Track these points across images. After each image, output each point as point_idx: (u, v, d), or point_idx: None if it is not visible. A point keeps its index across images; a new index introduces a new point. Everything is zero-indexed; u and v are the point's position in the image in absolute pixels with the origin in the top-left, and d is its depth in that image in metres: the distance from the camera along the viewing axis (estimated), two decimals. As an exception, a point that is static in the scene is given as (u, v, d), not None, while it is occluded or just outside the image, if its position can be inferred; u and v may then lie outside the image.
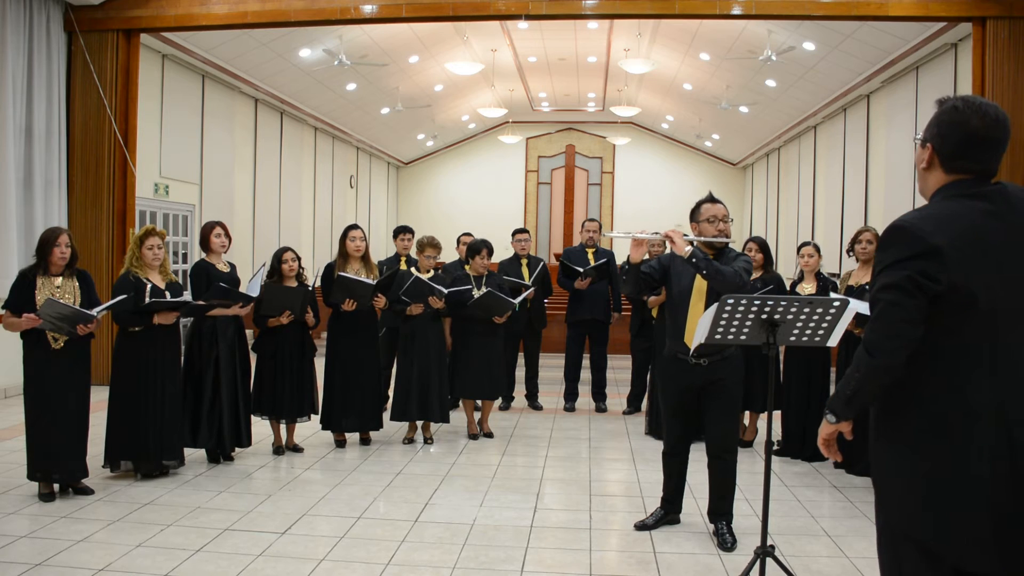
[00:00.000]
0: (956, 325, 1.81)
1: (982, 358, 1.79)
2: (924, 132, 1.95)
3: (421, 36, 12.21)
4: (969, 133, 1.85)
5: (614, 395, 7.57)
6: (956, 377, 1.80)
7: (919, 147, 1.97)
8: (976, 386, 1.78)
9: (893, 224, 1.88)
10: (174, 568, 3.48)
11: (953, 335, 1.81)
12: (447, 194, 20.83)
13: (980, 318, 1.79)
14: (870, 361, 1.84)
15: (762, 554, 3.15)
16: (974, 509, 1.75)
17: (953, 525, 1.77)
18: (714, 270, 3.61)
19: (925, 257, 1.78)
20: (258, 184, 12.83)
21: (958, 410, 1.79)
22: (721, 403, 3.85)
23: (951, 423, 1.79)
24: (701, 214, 3.87)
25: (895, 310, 1.81)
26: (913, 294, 1.79)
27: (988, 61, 7.32)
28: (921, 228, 1.81)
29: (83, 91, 8.01)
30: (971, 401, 1.78)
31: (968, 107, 1.87)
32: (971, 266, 1.79)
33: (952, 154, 1.88)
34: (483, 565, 3.59)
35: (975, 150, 1.86)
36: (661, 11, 7.98)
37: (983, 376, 1.78)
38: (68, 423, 4.39)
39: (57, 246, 4.37)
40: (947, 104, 1.91)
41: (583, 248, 7.23)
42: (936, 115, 1.93)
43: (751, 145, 17.64)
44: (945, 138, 1.89)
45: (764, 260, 5.73)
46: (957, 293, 1.78)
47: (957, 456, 1.77)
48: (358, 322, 5.63)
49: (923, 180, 1.98)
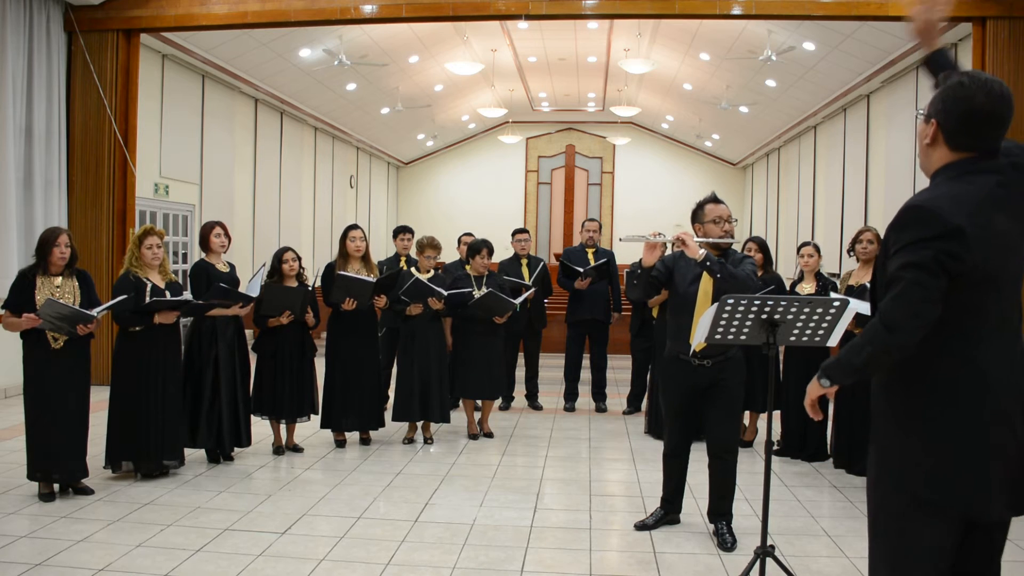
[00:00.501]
0: (969, 300, 1.84)
1: (994, 329, 1.85)
2: (928, 107, 1.95)
3: (421, 36, 12.21)
4: (974, 109, 1.85)
5: (614, 395, 7.57)
6: (969, 348, 1.85)
7: (922, 122, 1.96)
8: (988, 356, 1.84)
9: (909, 204, 1.87)
10: (174, 568, 3.48)
11: (966, 310, 1.85)
12: (447, 194, 20.83)
13: (993, 292, 1.84)
14: (887, 337, 1.84)
15: (762, 554, 3.15)
16: (991, 463, 1.82)
17: (973, 482, 1.83)
18: (728, 273, 3.60)
19: (948, 238, 1.79)
20: (258, 184, 12.83)
21: (972, 378, 1.83)
22: (723, 404, 3.84)
23: (966, 391, 1.84)
24: (705, 215, 3.82)
25: (917, 289, 1.81)
26: (936, 273, 1.80)
27: (988, 61, 7.33)
28: (941, 208, 1.81)
29: (83, 91, 8.01)
30: (984, 369, 1.83)
31: (974, 83, 1.86)
32: (987, 244, 1.81)
33: (957, 130, 1.88)
34: (483, 565, 3.59)
35: (980, 126, 1.86)
36: (661, 11, 7.98)
37: (995, 346, 1.84)
38: (68, 423, 4.39)
39: (57, 246, 4.36)
40: (952, 80, 1.90)
41: (583, 248, 7.22)
42: (941, 90, 1.92)
43: (751, 145, 17.64)
44: (950, 113, 1.88)
45: (764, 260, 5.74)
46: (976, 270, 1.81)
47: (971, 420, 1.83)
48: (358, 322, 5.63)
49: (926, 156, 1.97)
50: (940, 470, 1.84)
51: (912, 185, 9.64)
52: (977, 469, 1.82)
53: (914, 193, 7.65)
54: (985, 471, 1.82)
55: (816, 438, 5.49)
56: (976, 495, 1.83)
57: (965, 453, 1.83)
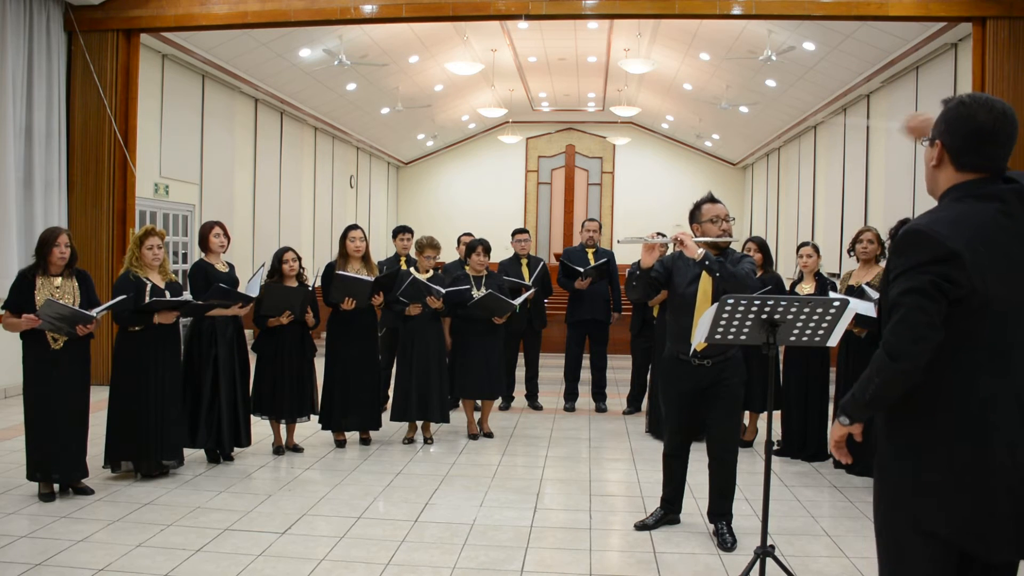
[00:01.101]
0: (971, 327, 1.82)
1: (996, 358, 1.81)
2: (932, 131, 1.95)
3: (421, 36, 12.21)
4: (977, 127, 1.86)
5: (614, 395, 7.57)
6: (972, 377, 1.82)
7: (927, 146, 1.97)
8: (991, 385, 1.80)
9: (908, 228, 1.88)
10: (174, 568, 3.48)
11: (968, 337, 1.82)
12: (447, 194, 20.83)
13: (994, 319, 1.81)
14: (892, 365, 1.84)
15: (762, 554, 3.15)
16: (997, 501, 1.78)
17: (977, 518, 1.79)
18: (728, 273, 3.61)
19: (945, 262, 1.79)
20: (258, 184, 12.83)
21: (976, 409, 1.81)
22: (723, 404, 3.84)
23: (969, 422, 1.81)
24: (703, 214, 3.83)
25: (918, 314, 1.80)
26: (935, 298, 1.80)
27: (988, 61, 7.32)
28: (938, 232, 1.81)
29: (83, 91, 8.00)
30: (987, 400, 1.80)
31: (975, 102, 1.88)
32: (987, 268, 1.80)
33: (962, 149, 1.88)
34: (483, 565, 3.59)
35: (984, 145, 1.87)
36: (661, 11, 7.97)
37: (998, 375, 1.81)
38: (68, 423, 4.39)
39: (56, 246, 4.36)
40: (953, 101, 1.91)
41: (583, 248, 7.22)
42: (943, 112, 1.93)
43: (751, 145, 17.64)
44: (953, 134, 1.89)
45: (763, 260, 5.74)
46: (976, 295, 1.80)
47: (977, 452, 1.79)
48: (358, 322, 5.63)
49: (933, 179, 1.97)
50: (937, 502, 1.82)
51: (912, 185, 9.64)
52: (977, 504, 1.79)
53: (913, 194, 7.62)
54: (985, 507, 1.79)
55: (816, 438, 5.49)
56: (974, 530, 1.80)
57: (963, 487, 1.80)
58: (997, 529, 1.79)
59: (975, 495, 1.79)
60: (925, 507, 1.85)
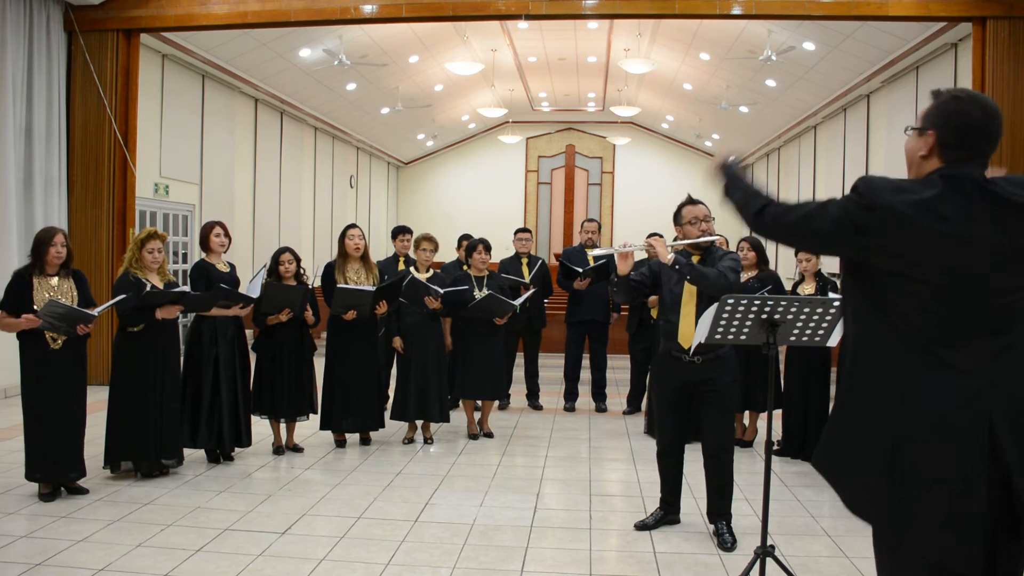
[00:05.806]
0: (919, 322, 1.80)
1: (950, 358, 1.77)
2: (923, 120, 1.95)
3: (421, 36, 12.21)
4: (970, 123, 1.87)
5: (614, 395, 7.57)
6: (899, 371, 1.81)
7: (916, 136, 1.97)
8: (922, 380, 1.78)
9: (862, 177, 1.92)
10: (174, 568, 3.48)
11: (915, 334, 1.80)
12: (447, 194, 20.82)
13: (941, 310, 1.78)
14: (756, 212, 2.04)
15: (762, 554, 3.16)
16: (962, 511, 1.73)
17: (942, 528, 1.75)
18: (698, 274, 3.72)
19: (867, 210, 1.82)
20: (258, 184, 12.82)
21: (898, 406, 1.80)
22: (715, 402, 3.87)
23: (931, 428, 1.77)
24: (683, 217, 3.95)
25: (813, 214, 1.92)
26: (835, 221, 1.86)
27: (988, 61, 7.32)
28: (877, 186, 1.85)
29: (83, 91, 8.00)
30: (913, 394, 1.79)
31: (969, 98, 1.90)
32: (920, 242, 1.78)
33: (953, 143, 1.89)
34: (483, 565, 3.59)
35: (975, 140, 1.88)
36: (661, 11, 7.98)
37: (953, 376, 1.77)
38: (66, 423, 4.39)
39: (53, 246, 4.36)
40: (945, 95, 1.93)
41: (582, 248, 7.23)
42: (936, 105, 1.93)
43: (751, 145, 17.63)
44: (948, 126, 1.89)
45: (757, 259, 5.73)
46: (899, 261, 1.80)
47: (939, 460, 1.75)
48: (358, 323, 5.62)
49: (918, 168, 1.98)
50: (915, 521, 1.79)
51: (912, 185, 9.63)
52: (953, 516, 1.74)
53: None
54: (961, 519, 1.73)
55: (816, 438, 5.47)
56: (955, 551, 1.75)
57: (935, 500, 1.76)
58: (964, 540, 1.75)
59: (935, 506, 1.78)
60: (891, 518, 1.85)
